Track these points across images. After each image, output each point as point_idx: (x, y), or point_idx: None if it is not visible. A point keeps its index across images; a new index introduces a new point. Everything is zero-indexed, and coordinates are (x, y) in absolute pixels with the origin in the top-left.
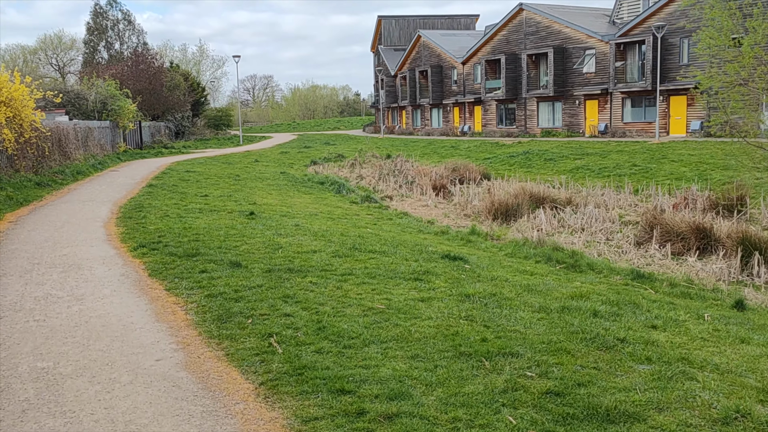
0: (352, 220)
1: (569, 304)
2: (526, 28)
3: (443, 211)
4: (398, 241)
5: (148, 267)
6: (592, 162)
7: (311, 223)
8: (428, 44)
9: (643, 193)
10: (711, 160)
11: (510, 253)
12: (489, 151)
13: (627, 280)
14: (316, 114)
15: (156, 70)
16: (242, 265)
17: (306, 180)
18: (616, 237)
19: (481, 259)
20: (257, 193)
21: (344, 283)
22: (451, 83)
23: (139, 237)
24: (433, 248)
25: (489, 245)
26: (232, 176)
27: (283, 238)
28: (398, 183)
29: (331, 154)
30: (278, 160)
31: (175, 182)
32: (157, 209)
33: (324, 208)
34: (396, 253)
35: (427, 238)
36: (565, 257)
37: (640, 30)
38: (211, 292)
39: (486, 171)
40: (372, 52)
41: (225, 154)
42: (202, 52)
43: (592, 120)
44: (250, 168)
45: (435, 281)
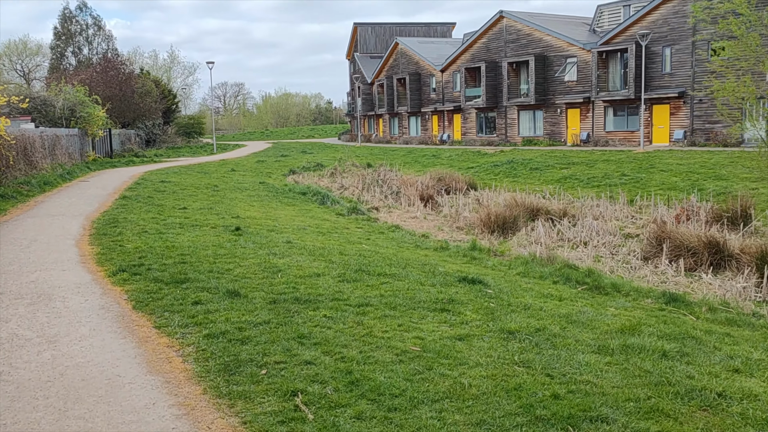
0: (343, 234)
1: (627, 341)
2: (507, 36)
3: (434, 223)
4: (404, 261)
5: (132, 297)
6: (580, 171)
7: (303, 239)
8: (406, 51)
9: (639, 203)
10: (701, 170)
11: (522, 273)
12: (471, 160)
13: (660, 304)
14: (288, 122)
15: (126, 76)
16: (241, 294)
17: (287, 190)
18: (621, 251)
19: (499, 282)
20: (238, 205)
21: (363, 317)
22: (430, 91)
23: (117, 258)
24: (444, 269)
25: (496, 263)
26: (209, 187)
27: (280, 258)
28: (384, 193)
29: (309, 163)
30: (255, 169)
31: (151, 193)
32: (134, 224)
33: (311, 221)
34: (408, 276)
35: (428, 254)
36: (582, 276)
37: (622, 38)
38: (211, 330)
39: (472, 181)
40: (347, 60)
41: (200, 163)
42: (173, 58)
43: (574, 129)
44: (228, 178)
45: (464, 312)
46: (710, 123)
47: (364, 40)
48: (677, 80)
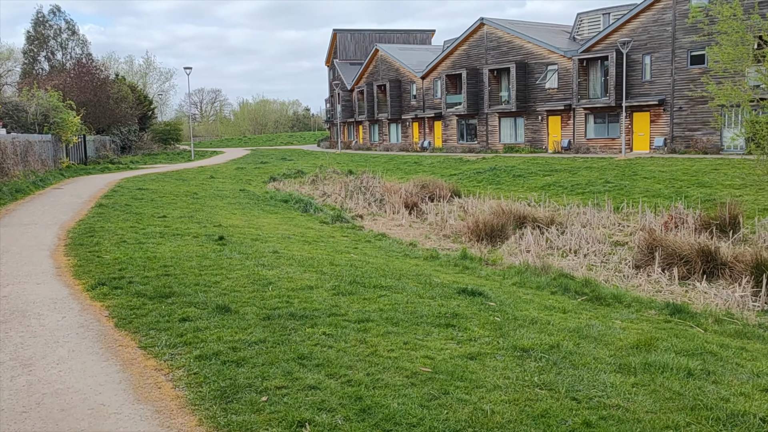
0: (330, 243)
1: (647, 359)
2: (488, 43)
3: (420, 231)
4: (397, 272)
5: (113, 313)
6: (563, 179)
7: (289, 249)
8: (386, 58)
9: (625, 211)
10: (684, 177)
11: (519, 283)
12: (454, 167)
13: (665, 316)
14: (266, 129)
15: (101, 82)
16: (232, 310)
17: (268, 198)
18: (612, 259)
19: (499, 293)
20: (220, 213)
21: (365, 333)
22: (410, 98)
23: (95, 271)
24: (439, 279)
25: (490, 272)
26: (189, 194)
27: (269, 270)
28: (367, 201)
29: (290, 170)
30: (235, 176)
31: (128, 201)
32: (112, 233)
33: (295, 230)
34: (405, 289)
35: (420, 264)
36: (579, 287)
37: (603, 46)
38: (203, 351)
39: (456, 188)
40: (326, 66)
41: (177, 170)
42: (148, 64)
43: (555, 136)
44: (207, 185)
45: (470, 327)
46: (690, 131)
47: (343, 47)
48: (657, 88)
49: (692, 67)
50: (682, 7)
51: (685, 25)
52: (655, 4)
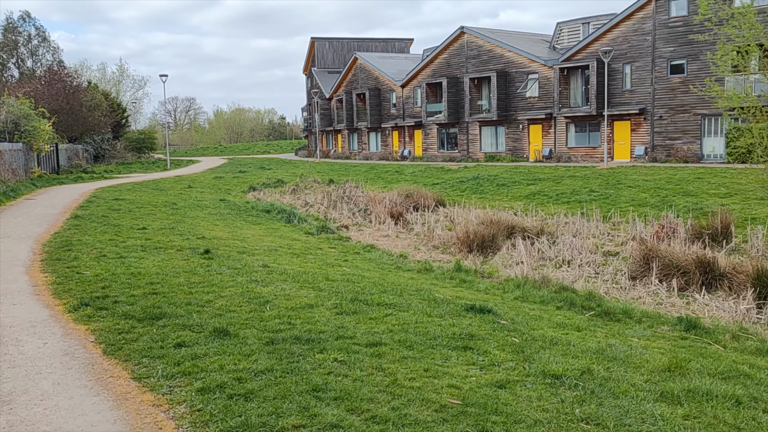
0: (319, 256)
1: (687, 385)
2: (468, 52)
3: (407, 242)
4: (396, 287)
5: (100, 338)
6: (547, 187)
7: (278, 262)
8: (365, 66)
9: (613, 220)
10: (668, 186)
11: (521, 297)
12: (436, 176)
13: (679, 332)
14: (242, 137)
15: (74, 89)
16: (231, 333)
17: (250, 208)
18: (607, 270)
19: (506, 310)
20: (201, 224)
21: (380, 359)
22: (390, 106)
23: (76, 289)
24: (441, 295)
25: (488, 286)
26: (167, 204)
27: (263, 287)
28: (352, 211)
29: (269, 179)
30: (213, 185)
31: (105, 212)
32: (90, 247)
33: (281, 241)
34: (411, 306)
35: (415, 278)
36: (583, 301)
37: (584, 55)
38: (205, 383)
39: (440, 197)
40: (304, 75)
41: (154, 180)
42: (122, 71)
43: (536, 145)
44: (185, 195)
45: (489, 350)
46: (670, 139)
47: (321, 55)
48: (638, 97)
49: (672, 77)
50: (662, 16)
51: (665, 34)
52: (635, 13)
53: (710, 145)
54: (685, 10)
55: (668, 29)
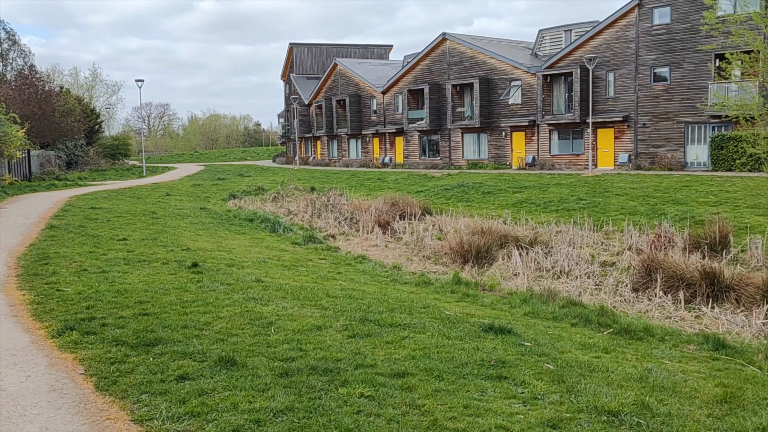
0: (310, 268)
1: (761, 424)
2: (450, 58)
3: (397, 252)
4: (403, 304)
5: (91, 370)
6: (534, 195)
7: (271, 276)
8: (345, 73)
9: (605, 229)
10: (656, 194)
11: (531, 313)
12: (419, 184)
13: (708, 351)
14: (217, 144)
15: (46, 94)
16: (238, 362)
17: (232, 217)
18: (607, 282)
19: (524, 329)
20: (184, 234)
21: (411, 393)
22: (371, 113)
23: (58, 309)
24: (450, 312)
25: (494, 300)
26: (147, 213)
27: (263, 305)
28: (338, 220)
29: (249, 187)
30: (192, 193)
31: (82, 222)
32: (69, 260)
33: (268, 252)
34: (425, 327)
35: (414, 291)
36: (596, 316)
37: (567, 62)
38: (219, 427)
39: (426, 205)
40: (283, 81)
41: (130, 187)
42: (95, 76)
43: (519, 152)
44: (164, 203)
45: (527, 379)
46: (654, 147)
47: (300, 61)
48: (621, 104)
49: (655, 84)
50: (645, 24)
51: (648, 42)
52: (618, 21)
53: (693, 152)
54: (668, 18)
55: (651, 37)
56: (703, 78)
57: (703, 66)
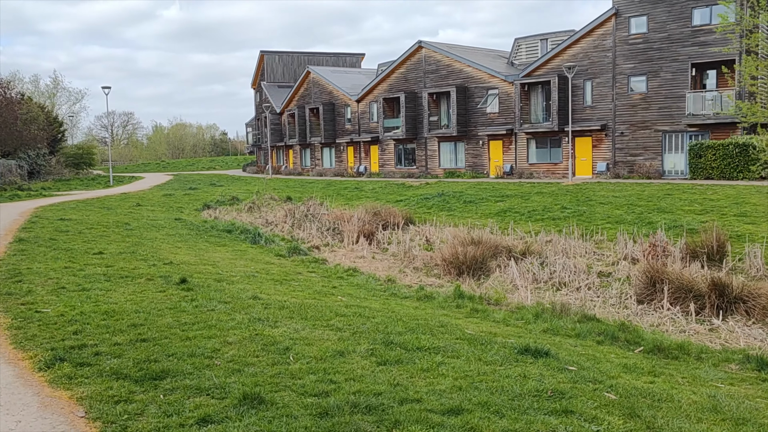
0: (302, 282)
1: None
2: (426, 66)
3: (387, 263)
4: (416, 322)
5: (93, 412)
6: (516, 204)
7: (265, 292)
8: (319, 81)
9: (594, 238)
10: (640, 202)
11: (550, 330)
12: (398, 193)
13: (752, 371)
14: (184, 153)
15: (7, 101)
16: (266, 400)
17: (209, 228)
18: (610, 293)
19: (553, 348)
20: (163, 246)
21: None
22: (345, 122)
23: (42, 335)
24: (471, 331)
25: (505, 316)
26: (120, 225)
27: (271, 327)
28: (320, 230)
29: (223, 197)
30: (164, 203)
31: (52, 234)
32: (44, 277)
33: (255, 266)
34: (457, 351)
35: (420, 307)
36: (617, 331)
37: (544, 71)
38: None
39: (409, 215)
40: (253, 89)
41: (98, 197)
42: (56, 83)
43: (497, 161)
44: (136, 214)
45: (598, 415)
46: (632, 155)
47: (271, 69)
48: (599, 113)
49: (633, 93)
50: (623, 33)
51: (625, 51)
52: (595, 30)
53: (671, 161)
54: (645, 28)
55: (628, 46)
56: (680, 87)
57: (680, 75)
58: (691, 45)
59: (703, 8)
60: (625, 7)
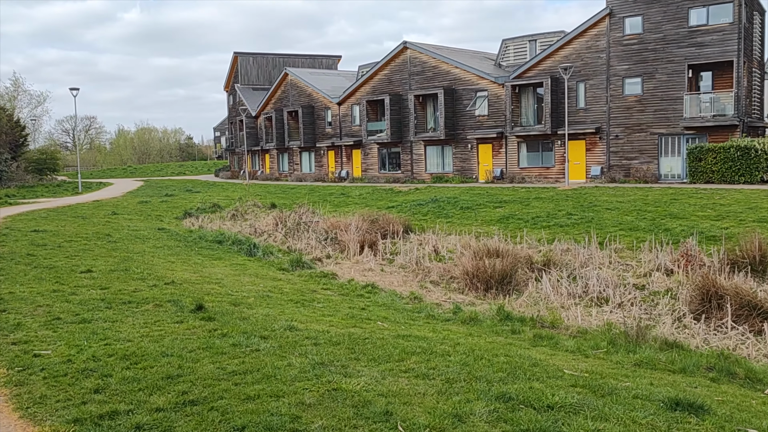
0: (326, 303)
1: None
2: (411, 68)
3: (401, 277)
4: (509, 363)
5: None
6: (517, 211)
7: (296, 318)
8: (297, 83)
9: (612, 246)
10: (649, 208)
11: (644, 363)
12: (388, 199)
13: None
14: (150, 158)
15: None
16: None
17: (197, 238)
18: (659, 310)
19: (711, 403)
20: (156, 262)
21: None
22: (325, 125)
23: (54, 396)
24: (572, 371)
25: (576, 345)
26: (100, 236)
27: (344, 376)
28: (318, 240)
29: (204, 204)
30: (141, 211)
31: (29, 249)
32: (31, 304)
33: (262, 283)
34: (600, 410)
35: (473, 333)
36: (732, 365)
37: (535, 72)
38: None
39: (408, 223)
40: (226, 92)
41: (69, 205)
42: (17, 86)
43: (486, 165)
44: (115, 224)
45: None
46: (627, 159)
47: (245, 71)
48: (592, 116)
49: (628, 95)
50: (617, 34)
51: (619, 52)
52: (588, 30)
53: (667, 164)
54: (640, 28)
55: (623, 47)
56: (677, 89)
57: (676, 76)
58: (687, 46)
59: (699, 8)
60: (619, 8)
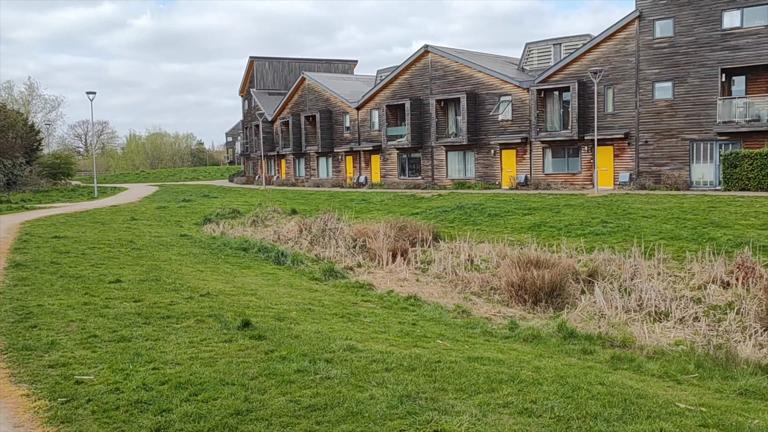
0: (372, 318)
1: None
2: (433, 72)
3: (438, 288)
4: (614, 394)
5: None
6: (548, 218)
7: (351, 337)
8: (314, 87)
9: (659, 256)
10: (688, 216)
11: (748, 391)
12: (411, 205)
13: None
14: (162, 163)
15: None
16: None
17: (221, 245)
18: (724, 325)
19: None
20: (185, 271)
21: None
22: (344, 130)
23: None
24: (683, 405)
25: (662, 370)
26: (123, 243)
27: (441, 413)
28: (347, 248)
29: (223, 210)
30: (160, 217)
31: (52, 257)
32: (63, 318)
33: (299, 294)
34: None
35: (540, 354)
36: None
37: (561, 76)
38: None
39: (437, 230)
40: (241, 96)
41: (87, 211)
42: (31, 90)
43: (510, 171)
44: (136, 230)
45: None
46: (657, 165)
47: (261, 76)
48: (621, 121)
49: (658, 100)
50: (647, 37)
51: (649, 55)
52: (617, 33)
53: (699, 171)
54: (671, 31)
55: (653, 50)
56: (709, 93)
57: (709, 81)
58: (720, 50)
59: (733, 11)
60: (649, 10)
